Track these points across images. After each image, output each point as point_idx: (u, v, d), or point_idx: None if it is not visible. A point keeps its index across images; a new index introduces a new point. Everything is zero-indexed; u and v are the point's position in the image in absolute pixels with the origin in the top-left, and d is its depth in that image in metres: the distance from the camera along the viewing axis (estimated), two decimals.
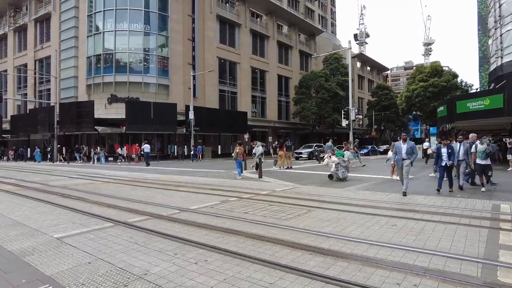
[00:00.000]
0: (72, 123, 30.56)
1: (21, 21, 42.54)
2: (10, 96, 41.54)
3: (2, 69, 45.03)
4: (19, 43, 43.46)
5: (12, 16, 43.62)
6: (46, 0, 40.40)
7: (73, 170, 20.50)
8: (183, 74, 34.71)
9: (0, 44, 46.45)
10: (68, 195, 9.54)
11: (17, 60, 42.90)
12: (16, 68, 42.89)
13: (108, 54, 32.79)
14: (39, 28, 40.70)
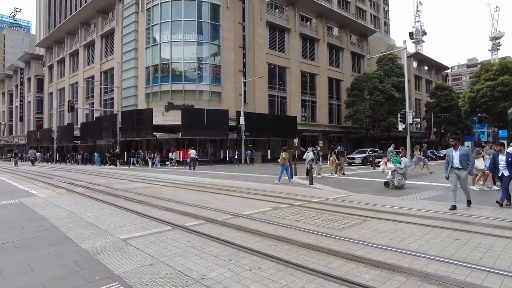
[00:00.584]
0: (132, 130, 32.82)
1: (90, 37, 46.87)
2: (80, 106, 45.82)
3: (74, 81, 49.93)
4: (88, 57, 47.86)
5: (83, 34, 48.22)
6: (111, 17, 44.17)
7: (133, 173, 21.97)
8: (234, 81, 35.61)
9: (73, 59, 51.52)
10: (130, 198, 10.26)
11: (86, 72, 47.25)
12: (85, 80, 47.27)
13: (164, 64, 34.78)
14: (105, 43, 44.47)
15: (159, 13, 35.17)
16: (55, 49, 57.13)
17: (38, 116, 62.53)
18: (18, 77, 69.76)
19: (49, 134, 48.48)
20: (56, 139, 45.54)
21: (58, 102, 53.02)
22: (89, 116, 46.94)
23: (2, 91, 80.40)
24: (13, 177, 20.01)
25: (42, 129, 55.57)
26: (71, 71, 51.49)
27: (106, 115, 39.83)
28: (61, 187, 14.02)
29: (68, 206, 9.02)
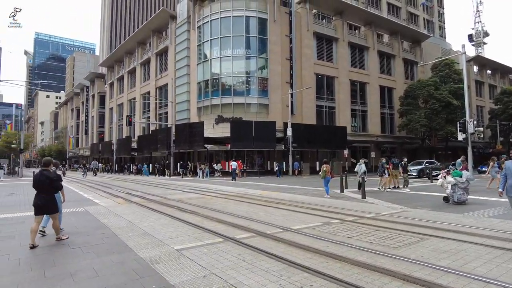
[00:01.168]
0: (185, 142, 34.28)
1: (146, 55, 50.24)
2: (137, 120, 48.98)
3: (132, 97, 53.62)
4: (144, 74, 51.24)
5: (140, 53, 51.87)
6: (165, 36, 47.05)
7: (186, 184, 22.83)
8: (281, 93, 35.81)
9: (131, 76, 55.49)
10: (183, 209, 10.66)
11: (143, 88, 50.54)
12: (141, 96, 50.56)
13: (215, 79, 36.09)
14: (159, 60, 47.35)
15: (209, 30, 36.75)
16: (115, 68, 62.07)
17: (100, 130, 67.92)
18: (84, 94, 76.67)
19: (109, 146, 52.40)
20: (115, 151, 49.08)
21: (118, 117, 57.25)
22: (145, 129, 49.94)
23: (71, 107, 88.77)
24: (80, 187, 21.83)
25: (104, 142, 60.23)
26: (129, 88, 55.44)
27: (161, 128, 42.10)
28: (120, 197, 14.99)
29: (127, 215, 9.60)
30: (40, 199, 6.43)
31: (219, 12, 36.17)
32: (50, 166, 6.76)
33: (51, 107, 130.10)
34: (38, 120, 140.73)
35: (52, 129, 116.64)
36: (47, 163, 6.78)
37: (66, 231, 7.42)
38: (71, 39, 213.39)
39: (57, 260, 5.35)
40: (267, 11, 36.18)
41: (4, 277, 4.64)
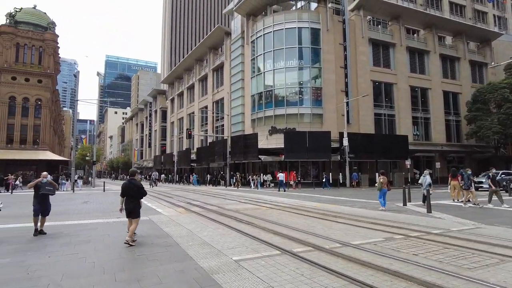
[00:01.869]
0: (240, 153, 35.00)
1: (203, 72, 52.69)
2: (196, 133, 51.25)
3: (191, 111, 56.39)
4: (202, 90, 53.69)
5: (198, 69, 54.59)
6: (220, 52, 49.02)
7: (241, 195, 23.20)
8: (336, 102, 35.06)
9: (190, 92, 58.50)
10: (240, 219, 10.83)
11: (201, 103, 52.92)
12: (200, 110, 52.93)
13: (268, 91, 36.57)
14: (216, 76, 49.33)
15: (263, 43, 37.51)
16: (175, 84, 65.97)
17: (162, 143, 72.22)
18: (148, 110, 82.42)
19: (170, 158, 55.45)
20: (176, 162, 51.77)
21: (178, 130, 60.53)
22: (203, 141, 52.05)
23: (136, 122, 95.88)
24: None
25: (165, 154, 63.90)
26: (188, 103, 58.43)
27: (218, 140, 43.55)
28: (181, 206, 15.70)
29: (187, 224, 10.02)
30: (129, 204, 7.60)
31: (271, 25, 36.82)
32: (136, 176, 7.87)
33: (119, 122, 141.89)
34: (108, 135, 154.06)
35: (120, 142, 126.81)
36: (133, 173, 8.01)
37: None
38: (135, 59, 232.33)
39: (125, 266, 5.75)
40: (319, 21, 35.98)
41: (82, 278, 5.11)
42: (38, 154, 46.25)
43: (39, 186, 8.62)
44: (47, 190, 8.70)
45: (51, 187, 8.88)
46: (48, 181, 8.79)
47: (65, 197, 22.84)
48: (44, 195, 8.64)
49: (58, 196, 24.09)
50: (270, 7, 38.83)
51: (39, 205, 8.59)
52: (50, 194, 8.81)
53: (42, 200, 8.65)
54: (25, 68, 47.85)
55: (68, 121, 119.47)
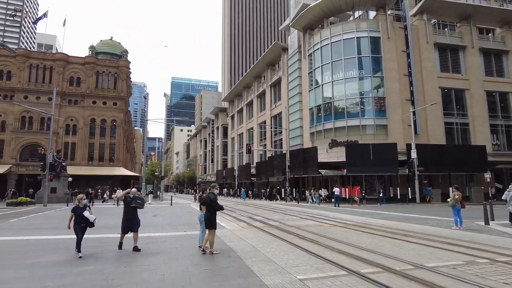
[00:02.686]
0: (299, 167, 34.65)
1: (261, 88, 53.80)
2: (255, 147, 52.10)
3: (250, 127, 57.66)
4: (260, 105, 54.73)
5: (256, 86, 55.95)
6: (277, 68, 49.72)
7: (302, 210, 22.82)
8: (401, 112, 33.22)
9: (248, 108, 60.01)
10: (302, 236, 10.63)
11: (259, 118, 53.88)
12: (258, 125, 53.88)
13: (327, 103, 35.98)
14: (273, 91, 50.01)
15: (320, 56, 37.26)
16: (235, 101, 68.23)
17: (224, 158, 74.60)
18: (210, 127, 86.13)
19: (231, 173, 56.96)
20: (237, 177, 52.98)
21: (238, 145, 62.15)
22: (262, 156, 52.67)
23: (200, 138, 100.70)
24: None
25: (227, 168, 65.82)
26: (247, 119, 59.89)
27: (276, 154, 43.74)
28: (243, 221, 15.92)
29: (250, 240, 10.10)
30: (205, 215, 8.34)
31: (329, 37, 36.48)
32: (212, 190, 8.61)
33: (184, 139, 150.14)
34: (174, 151, 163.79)
35: (185, 158, 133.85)
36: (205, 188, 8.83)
37: (199, 252, 8.26)
38: (198, 79, 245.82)
39: (192, 279, 5.95)
40: (379, 29, 34.76)
41: None
42: (114, 170, 50.78)
43: (128, 200, 8.84)
44: (137, 203, 8.91)
45: (141, 201, 9.07)
46: (137, 195, 9.04)
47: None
48: (134, 208, 8.86)
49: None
50: (327, 20, 38.58)
51: (129, 221, 8.78)
52: (139, 207, 8.98)
53: (132, 214, 8.84)
54: (103, 93, 53.37)
55: (139, 139, 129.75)
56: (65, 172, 37.33)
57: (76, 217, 8.22)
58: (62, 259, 7.87)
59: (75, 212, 8.25)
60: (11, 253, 8.78)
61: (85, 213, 8.32)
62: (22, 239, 11.03)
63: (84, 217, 8.28)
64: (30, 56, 52.15)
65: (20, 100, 48.35)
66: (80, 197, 8.63)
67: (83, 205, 8.43)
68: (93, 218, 8.42)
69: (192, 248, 8.99)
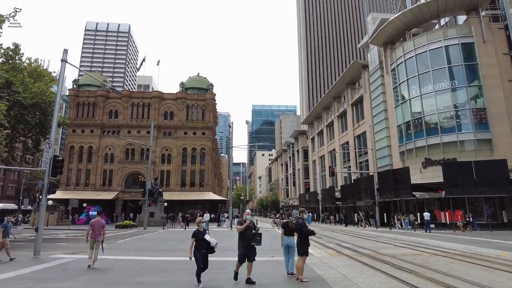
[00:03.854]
0: (390, 190, 32.22)
1: (342, 108, 52.51)
2: (338, 170, 50.35)
3: (331, 148, 56.26)
4: (341, 126, 53.25)
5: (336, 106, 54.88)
6: (358, 86, 48.19)
7: (396, 237, 20.97)
8: (509, 122, 28.94)
9: (329, 129, 58.89)
10: (399, 266, 9.69)
11: (341, 139, 52.29)
12: (340, 146, 52.24)
13: (416, 119, 33.30)
14: (355, 110, 48.32)
15: (404, 70, 35.07)
16: (315, 124, 67.67)
17: (306, 181, 73.64)
18: (290, 150, 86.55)
19: (314, 196, 55.70)
20: (320, 201, 51.55)
21: (320, 168, 60.84)
22: (347, 178, 50.58)
23: (281, 162, 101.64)
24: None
25: (309, 192, 64.67)
26: (328, 140, 58.64)
27: (363, 177, 41.54)
28: (331, 248, 15.26)
29: (340, 268, 9.58)
30: (297, 241, 8.17)
31: (413, 50, 34.25)
32: (302, 215, 8.53)
33: (266, 163, 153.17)
34: (257, 175, 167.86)
35: (267, 182, 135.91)
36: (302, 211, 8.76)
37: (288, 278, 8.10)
38: (277, 105, 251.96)
39: None
40: (472, 33, 31.44)
41: None
42: (203, 195, 54.14)
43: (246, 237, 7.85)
44: (257, 242, 7.90)
45: (260, 238, 8.00)
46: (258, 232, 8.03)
47: (226, 234, 25.49)
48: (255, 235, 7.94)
49: (219, 232, 27.17)
50: (409, 32, 36.41)
51: (247, 249, 7.81)
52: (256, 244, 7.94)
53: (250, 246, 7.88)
54: (193, 124, 58.20)
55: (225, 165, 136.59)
56: (161, 198, 41.01)
57: (197, 242, 7.59)
58: (162, 280, 8.48)
59: (197, 237, 7.60)
60: (121, 271, 9.81)
61: (207, 237, 7.61)
62: (128, 259, 12.27)
63: (206, 241, 7.60)
64: (132, 96, 60.04)
65: (124, 134, 55.62)
66: (199, 220, 8.07)
67: (202, 228, 7.83)
68: (215, 242, 7.70)
69: (280, 274, 8.89)
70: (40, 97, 24.91)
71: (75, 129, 56.39)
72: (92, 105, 58.39)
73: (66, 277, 9.01)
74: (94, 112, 57.97)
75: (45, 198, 14.65)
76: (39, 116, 25.50)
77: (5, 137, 22.78)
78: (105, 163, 55.80)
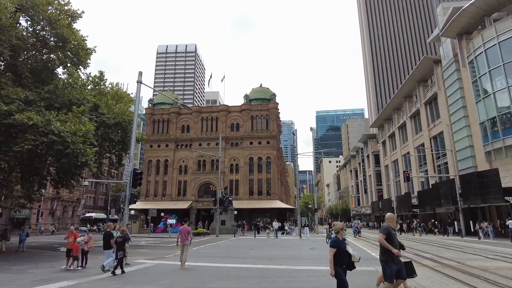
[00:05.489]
0: (475, 195, 28.93)
1: (414, 107, 48.97)
2: (414, 174, 46.74)
3: (405, 152, 52.62)
4: (415, 127, 49.56)
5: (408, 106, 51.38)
6: (430, 83, 44.58)
7: (487, 248, 18.66)
8: None
9: (401, 131, 55.26)
10: (493, 281, 8.59)
11: (415, 141, 48.62)
12: (415, 149, 48.55)
13: (504, 114, 29.60)
14: (429, 109, 44.66)
15: (485, 60, 31.52)
16: (385, 126, 64.05)
17: (378, 188, 69.76)
18: (360, 156, 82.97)
19: (389, 204, 52.35)
20: (395, 208, 48.24)
21: (394, 173, 57.16)
22: (424, 183, 46.73)
23: (350, 169, 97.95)
24: (366, 244, 22.64)
25: (383, 199, 61.05)
26: (401, 143, 54.95)
27: (442, 181, 37.99)
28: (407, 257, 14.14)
29: (420, 280, 8.82)
30: None
31: (495, 37, 30.67)
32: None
33: (333, 170, 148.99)
34: (324, 183, 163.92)
35: (336, 189, 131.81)
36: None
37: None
38: (342, 109, 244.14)
39: None
40: None
41: None
42: (271, 203, 54.55)
43: None
44: None
45: None
46: None
47: (294, 243, 25.24)
48: None
49: (287, 241, 27.01)
50: (489, 18, 32.72)
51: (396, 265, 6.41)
52: None
53: None
54: (257, 134, 59.37)
55: (291, 173, 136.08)
56: (231, 206, 42.30)
57: (338, 254, 5.90)
58: (232, 286, 8.69)
59: (339, 247, 5.93)
60: (194, 277, 10.30)
61: (349, 249, 6.05)
62: (201, 265, 12.83)
63: (348, 254, 6.04)
64: (201, 111, 63.63)
65: (196, 147, 58.97)
66: (340, 226, 6.29)
67: (342, 237, 6.21)
68: (358, 257, 6.17)
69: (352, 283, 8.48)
70: (121, 116, 27.64)
71: (152, 144, 61.48)
72: (166, 122, 63.25)
73: (148, 280, 9.76)
74: (168, 128, 62.71)
75: (127, 207, 16.14)
76: (120, 134, 28.26)
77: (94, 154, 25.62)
78: (180, 175, 59.68)
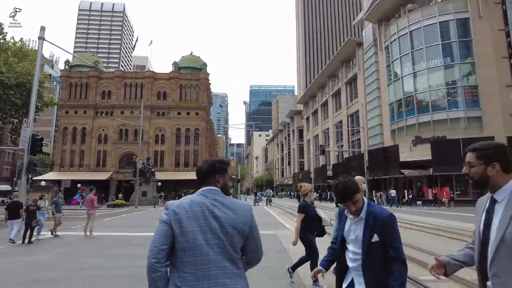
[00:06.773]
0: (380, 168, 32.38)
1: (336, 86, 52.03)
2: (331, 149, 50.43)
3: (325, 128, 56.18)
4: (335, 105, 52.94)
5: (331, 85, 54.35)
6: (352, 64, 47.54)
7: None
8: (500, 100, 28.73)
9: (323, 109, 58.59)
10: None
11: (335, 118, 52.13)
12: (334, 125, 52.11)
13: (408, 97, 33.06)
14: (349, 89, 47.91)
15: (398, 47, 34.52)
16: (310, 103, 67.28)
17: (300, 160, 74.04)
18: (286, 130, 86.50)
19: (308, 175, 56.03)
20: (313, 179, 51.88)
21: (314, 147, 60.93)
22: (339, 157, 50.77)
23: (277, 142, 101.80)
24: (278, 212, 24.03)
25: (303, 171, 65.11)
26: (322, 119, 58.47)
27: (354, 155, 41.69)
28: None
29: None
30: None
31: (407, 26, 33.58)
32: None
33: (263, 144, 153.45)
34: (254, 156, 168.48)
35: (264, 162, 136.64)
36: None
37: None
38: (275, 85, 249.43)
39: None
40: (467, 9, 30.75)
41: None
42: None
43: None
44: None
45: None
46: None
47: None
48: None
49: None
50: (404, 8, 35.59)
51: None
52: None
53: None
54: (186, 104, 57.65)
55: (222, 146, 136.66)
56: (154, 177, 41.11)
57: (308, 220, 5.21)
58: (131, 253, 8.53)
59: (308, 212, 5.22)
60: (94, 245, 9.88)
61: (320, 212, 5.45)
62: (107, 235, 12.35)
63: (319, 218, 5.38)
64: (125, 76, 59.12)
65: (118, 115, 55.02)
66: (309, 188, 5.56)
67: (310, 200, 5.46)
68: (328, 220, 5.55)
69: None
70: (25, 77, 24.49)
71: (68, 110, 55.80)
72: (84, 86, 57.49)
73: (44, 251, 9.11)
74: (87, 93, 57.13)
75: (24, 176, 14.58)
76: (25, 96, 25.13)
77: None
78: (99, 144, 55.59)
